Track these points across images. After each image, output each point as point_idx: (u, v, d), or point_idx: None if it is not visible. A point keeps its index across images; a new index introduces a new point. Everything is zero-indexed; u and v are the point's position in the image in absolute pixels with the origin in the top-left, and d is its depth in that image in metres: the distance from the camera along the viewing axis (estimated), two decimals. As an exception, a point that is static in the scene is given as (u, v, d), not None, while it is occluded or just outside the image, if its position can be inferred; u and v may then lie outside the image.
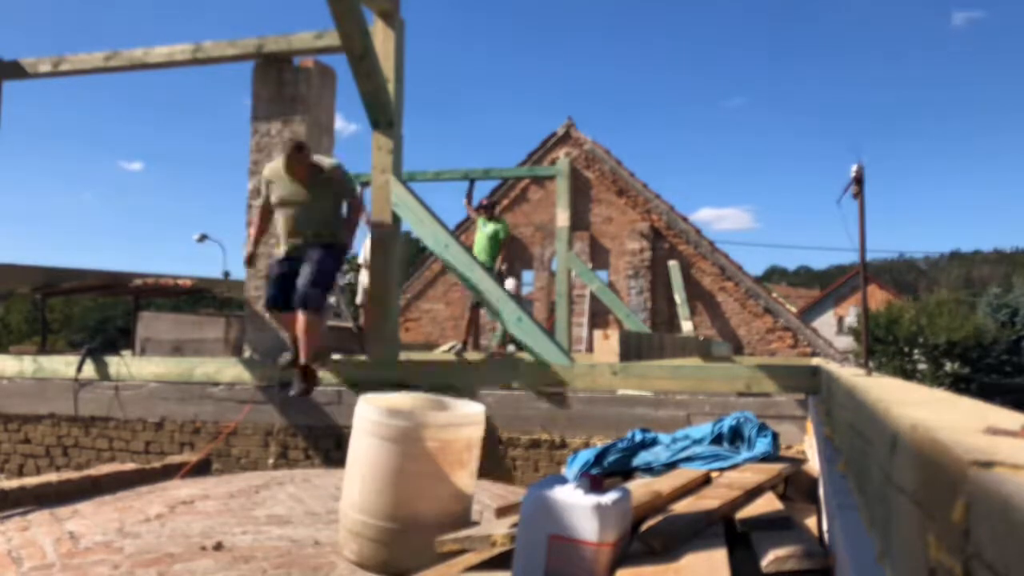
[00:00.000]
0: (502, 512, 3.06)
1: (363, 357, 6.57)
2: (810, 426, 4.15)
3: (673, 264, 14.85)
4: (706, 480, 3.06)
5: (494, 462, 5.08)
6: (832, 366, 4.39)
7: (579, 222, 15.19)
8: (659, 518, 2.41)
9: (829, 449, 2.70)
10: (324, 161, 5.38)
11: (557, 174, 14.61)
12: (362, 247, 11.01)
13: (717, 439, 3.43)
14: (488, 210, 9.88)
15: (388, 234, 6.08)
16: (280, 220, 5.36)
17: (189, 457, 5.69)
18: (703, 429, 3.53)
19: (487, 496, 4.27)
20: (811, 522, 2.50)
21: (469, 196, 10.98)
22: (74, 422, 6.24)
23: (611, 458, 3.35)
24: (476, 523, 3.17)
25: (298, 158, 5.17)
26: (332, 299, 9.70)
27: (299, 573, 3.00)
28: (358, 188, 5.94)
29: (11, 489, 4.39)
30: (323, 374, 5.71)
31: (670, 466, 3.26)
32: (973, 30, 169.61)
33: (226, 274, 10.54)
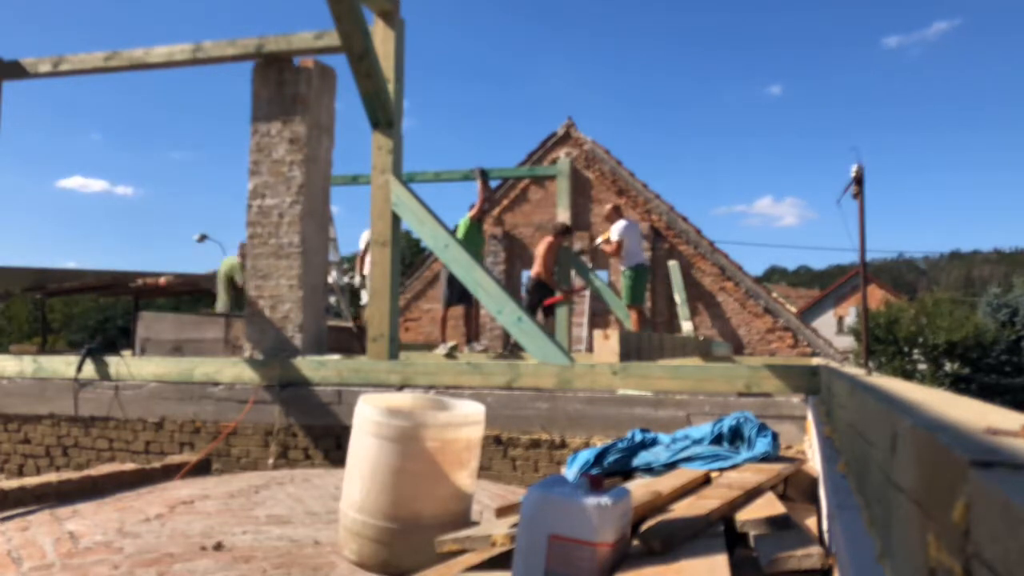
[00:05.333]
0: (502, 512, 3.06)
1: (363, 357, 6.57)
2: (810, 426, 4.15)
3: (673, 264, 14.84)
4: (706, 480, 3.06)
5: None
6: (833, 366, 4.39)
7: (579, 222, 15.18)
8: (659, 518, 2.41)
9: (829, 449, 2.69)
10: None
11: (558, 174, 14.61)
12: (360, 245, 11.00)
13: (717, 439, 3.43)
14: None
15: (388, 234, 6.09)
16: None
17: (189, 457, 5.69)
18: (703, 429, 3.53)
19: (487, 496, 4.27)
20: (811, 522, 2.50)
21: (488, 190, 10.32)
22: (74, 422, 6.23)
23: (611, 458, 3.35)
24: (476, 523, 3.17)
25: None
26: (332, 299, 9.71)
27: (299, 573, 3.00)
28: None
29: (11, 489, 4.38)
30: (323, 373, 5.71)
31: (670, 466, 3.25)
32: (973, 31, 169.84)
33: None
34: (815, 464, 3.26)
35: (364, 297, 10.85)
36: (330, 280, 9.07)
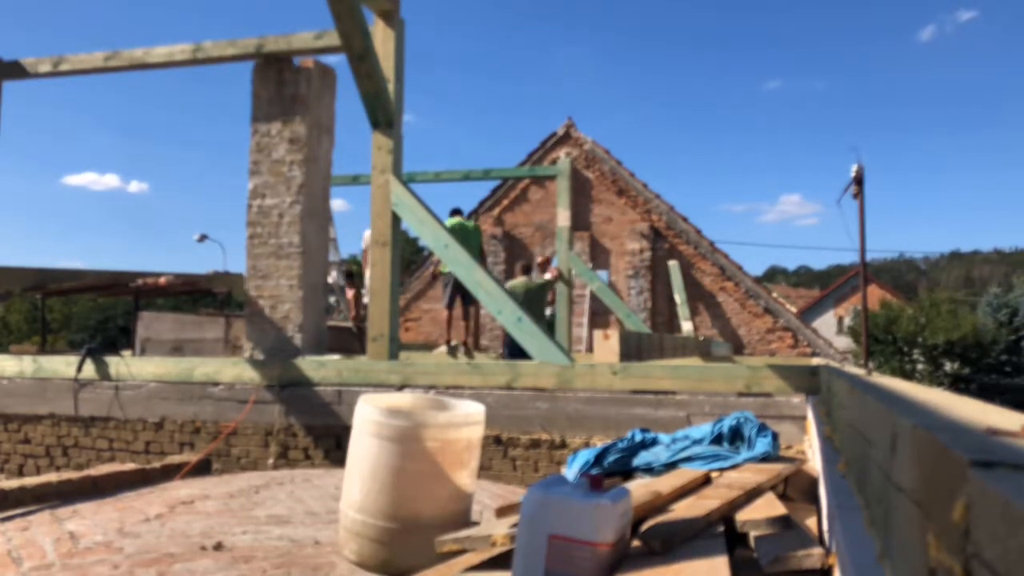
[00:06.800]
0: (502, 512, 3.06)
1: (363, 357, 6.57)
2: (810, 426, 4.15)
3: (673, 264, 14.85)
4: (706, 480, 3.06)
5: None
6: (833, 366, 4.39)
7: (579, 222, 15.19)
8: (659, 518, 2.41)
9: (829, 449, 2.70)
10: None
11: (558, 174, 14.61)
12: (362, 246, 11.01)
13: (717, 439, 3.43)
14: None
15: (388, 234, 6.09)
16: None
17: (189, 457, 5.69)
18: (703, 429, 3.53)
19: (487, 496, 4.27)
20: (811, 522, 2.50)
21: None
22: (74, 422, 6.24)
23: (611, 458, 3.35)
24: (476, 523, 3.17)
25: None
26: (332, 299, 9.71)
27: (299, 573, 3.00)
28: None
29: (11, 489, 4.38)
30: (323, 373, 5.72)
31: (670, 466, 3.25)
32: (971, 30, 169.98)
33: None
34: (815, 464, 3.26)
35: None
36: (330, 280, 9.07)
